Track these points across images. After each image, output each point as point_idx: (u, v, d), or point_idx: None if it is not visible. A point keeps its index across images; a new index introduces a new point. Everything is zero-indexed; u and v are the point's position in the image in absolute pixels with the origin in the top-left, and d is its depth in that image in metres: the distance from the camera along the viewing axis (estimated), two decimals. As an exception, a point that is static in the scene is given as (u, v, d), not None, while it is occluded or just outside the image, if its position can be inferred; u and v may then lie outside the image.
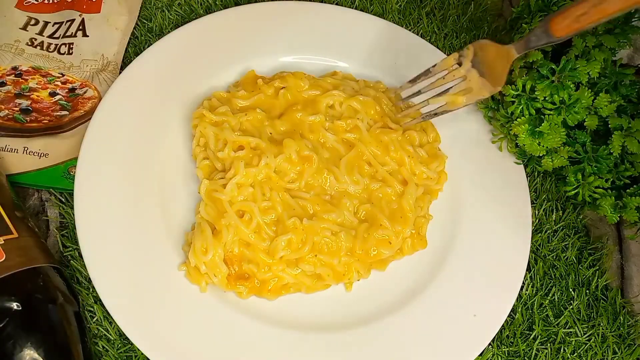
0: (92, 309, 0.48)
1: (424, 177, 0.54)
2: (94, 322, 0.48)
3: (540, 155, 0.52)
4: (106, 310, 0.46)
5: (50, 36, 0.61)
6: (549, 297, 0.52)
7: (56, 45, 0.61)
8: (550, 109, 0.51)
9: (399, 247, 0.51)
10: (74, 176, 0.51)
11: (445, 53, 0.63)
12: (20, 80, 0.58)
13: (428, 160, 0.55)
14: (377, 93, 0.57)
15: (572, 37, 0.42)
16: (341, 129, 0.54)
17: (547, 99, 0.50)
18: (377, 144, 0.54)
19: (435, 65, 0.51)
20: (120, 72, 0.58)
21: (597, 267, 0.54)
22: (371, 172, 0.53)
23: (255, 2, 0.64)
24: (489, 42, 0.48)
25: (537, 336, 0.51)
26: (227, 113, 0.53)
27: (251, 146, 0.52)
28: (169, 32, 0.61)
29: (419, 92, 0.54)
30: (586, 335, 0.51)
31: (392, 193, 0.53)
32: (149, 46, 0.58)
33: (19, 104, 0.56)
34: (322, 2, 0.65)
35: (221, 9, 0.62)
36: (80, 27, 0.62)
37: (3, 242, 0.43)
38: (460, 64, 0.49)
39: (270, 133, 0.53)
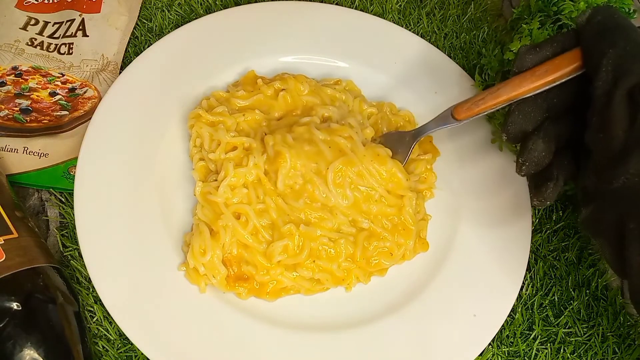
0: (92, 309, 0.48)
1: (414, 182, 0.54)
2: (94, 322, 0.48)
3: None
4: (106, 310, 0.46)
5: (50, 36, 0.62)
6: (549, 297, 0.52)
7: (56, 45, 0.61)
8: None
9: (400, 257, 0.51)
10: (74, 176, 0.51)
11: (445, 53, 0.63)
12: (20, 80, 0.58)
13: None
14: (361, 122, 0.55)
15: (473, 119, 0.49)
16: (336, 132, 0.51)
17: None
18: (374, 156, 0.51)
19: None
20: (120, 72, 0.58)
21: (597, 267, 0.54)
22: (365, 192, 0.51)
23: (255, 2, 0.64)
24: (394, 132, 0.56)
25: (537, 336, 0.51)
26: (224, 113, 0.53)
27: (244, 147, 0.51)
28: (169, 32, 0.61)
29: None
30: (586, 335, 0.51)
31: (392, 212, 0.51)
32: (149, 46, 0.58)
33: (19, 103, 0.57)
34: (322, 2, 0.65)
35: (221, 9, 0.62)
36: (80, 27, 0.62)
37: (3, 242, 0.43)
38: None
39: (265, 134, 0.53)
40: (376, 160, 0.51)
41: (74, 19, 0.62)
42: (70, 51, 0.61)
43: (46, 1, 0.63)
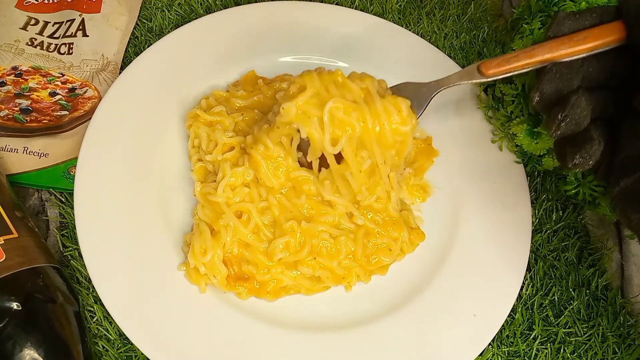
0: (92, 309, 0.48)
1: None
2: (94, 322, 0.48)
3: (541, 154, 0.53)
4: (106, 310, 0.46)
5: (50, 36, 0.62)
6: (549, 297, 0.52)
7: (56, 45, 0.61)
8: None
9: (399, 252, 0.51)
10: (74, 176, 0.51)
11: (445, 53, 0.63)
12: (20, 80, 0.58)
13: None
14: None
15: (501, 77, 0.47)
16: (353, 79, 0.48)
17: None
18: (395, 109, 0.47)
19: None
20: (120, 72, 0.58)
21: (597, 267, 0.54)
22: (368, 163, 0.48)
23: (255, 2, 0.64)
24: (410, 83, 0.52)
25: (537, 336, 0.51)
26: (222, 113, 0.53)
27: (241, 146, 0.51)
28: (169, 32, 0.61)
29: None
30: (586, 335, 0.51)
31: (379, 208, 0.51)
32: (149, 46, 0.58)
33: (19, 103, 0.57)
34: (322, 2, 0.65)
35: (221, 9, 0.62)
36: (80, 27, 0.62)
37: (3, 242, 0.43)
38: None
39: None
40: (390, 118, 0.46)
41: (74, 19, 0.62)
42: (70, 51, 0.61)
43: (46, 1, 0.63)
